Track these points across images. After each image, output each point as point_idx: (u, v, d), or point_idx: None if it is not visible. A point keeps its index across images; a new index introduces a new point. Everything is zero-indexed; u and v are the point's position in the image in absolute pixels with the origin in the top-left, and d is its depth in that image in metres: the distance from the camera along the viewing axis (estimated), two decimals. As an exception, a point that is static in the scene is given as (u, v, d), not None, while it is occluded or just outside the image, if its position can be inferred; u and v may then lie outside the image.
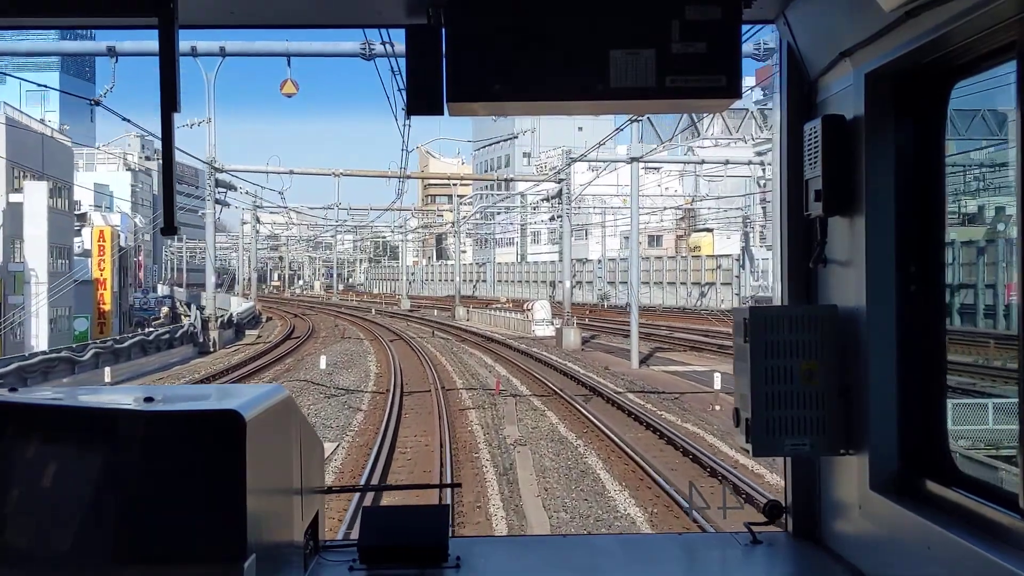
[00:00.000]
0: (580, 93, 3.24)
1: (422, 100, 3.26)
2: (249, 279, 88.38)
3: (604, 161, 47.44)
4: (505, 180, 55.79)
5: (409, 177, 40.23)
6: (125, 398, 3.00)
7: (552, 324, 53.47)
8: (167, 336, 41.37)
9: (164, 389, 5.78)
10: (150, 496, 2.53)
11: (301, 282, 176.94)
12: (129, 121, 30.40)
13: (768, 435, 3.43)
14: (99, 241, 65.56)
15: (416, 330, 57.73)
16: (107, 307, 64.64)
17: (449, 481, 16.95)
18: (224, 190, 46.78)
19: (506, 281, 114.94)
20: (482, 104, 3.29)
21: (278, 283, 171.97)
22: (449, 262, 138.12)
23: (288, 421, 3.18)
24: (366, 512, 3.87)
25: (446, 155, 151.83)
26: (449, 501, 14.31)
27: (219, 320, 48.08)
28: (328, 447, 19.03)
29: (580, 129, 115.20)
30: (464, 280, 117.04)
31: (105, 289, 64.97)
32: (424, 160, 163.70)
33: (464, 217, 75.46)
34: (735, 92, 3.22)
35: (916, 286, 3.21)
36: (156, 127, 4.08)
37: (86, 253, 64.45)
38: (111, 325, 64.01)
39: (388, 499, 13.86)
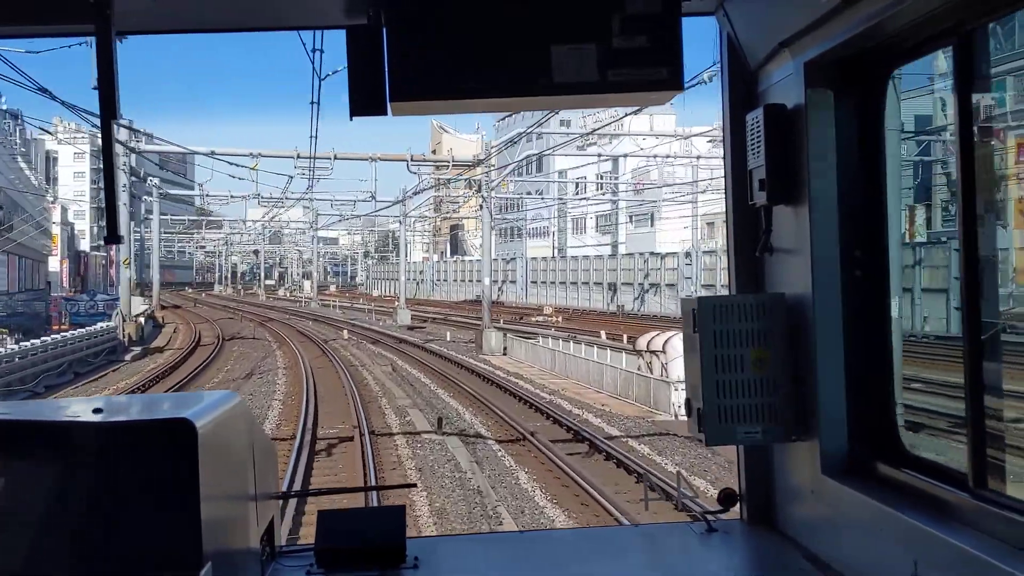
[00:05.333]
0: (523, 90, 3.22)
1: (364, 100, 3.19)
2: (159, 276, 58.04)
3: None
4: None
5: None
6: (73, 410, 3.04)
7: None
8: None
9: (113, 399, 5.48)
10: (104, 507, 2.53)
11: (288, 282, 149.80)
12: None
13: (720, 424, 3.45)
14: None
15: (406, 398, 27.10)
16: None
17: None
18: None
19: (541, 282, 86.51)
20: (425, 103, 3.24)
21: (270, 282, 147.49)
22: (466, 257, 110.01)
23: (241, 428, 3.15)
24: (322, 515, 3.65)
25: (463, 130, 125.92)
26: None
27: None
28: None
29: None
30: (480, 280, 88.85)
31: None
32: (437, 136, 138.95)
33: (491, 181, 44.93)
34: (677, 84, 3.19)
35: (861, 271, 3.27)
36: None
37: None
38: None
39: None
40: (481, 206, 43.06)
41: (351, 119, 3.15)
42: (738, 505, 3.88)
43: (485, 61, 3.15)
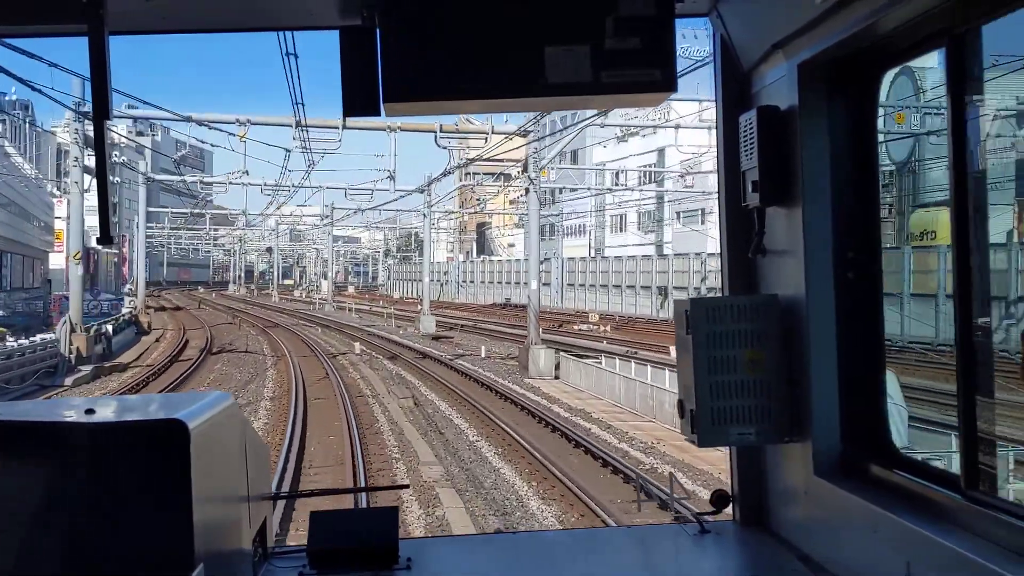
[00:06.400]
0: (516, 91, 3.22)
1: (358, 101, 3.21)
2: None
3: None
4: None
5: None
6: (66, 410, 3.00)
7: None
8: None
9: (105, 400, 5.37)
10: (96, 508, 2.53)
11: (306, 282, 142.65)
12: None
13: (713, 425, 3.46)
14: None
15: (435, 462, 18.63)
16: None
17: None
18: None
19: (578, 285, 78.90)
20: (419, 104, 3.27)
21: (288, 282, 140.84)
22: (494, 257, 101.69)
23: (233, 429, 3.15)
24: (314, 516, 3.64)
25: (494, 122, 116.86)
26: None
27: None
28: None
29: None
30: (511, 282, 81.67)
31: None
32: (465, 129, 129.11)
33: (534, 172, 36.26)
34: (670, 86, 3.20)
35: (853, 272, 3.30)
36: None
37: None
38: None
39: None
40: (527, 189, 34.74)
41: (344, 119, 2.43)
42: (731, 506, 3.88)
43: (479, 62, 3.15)
